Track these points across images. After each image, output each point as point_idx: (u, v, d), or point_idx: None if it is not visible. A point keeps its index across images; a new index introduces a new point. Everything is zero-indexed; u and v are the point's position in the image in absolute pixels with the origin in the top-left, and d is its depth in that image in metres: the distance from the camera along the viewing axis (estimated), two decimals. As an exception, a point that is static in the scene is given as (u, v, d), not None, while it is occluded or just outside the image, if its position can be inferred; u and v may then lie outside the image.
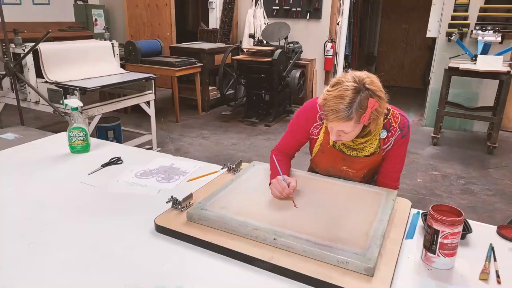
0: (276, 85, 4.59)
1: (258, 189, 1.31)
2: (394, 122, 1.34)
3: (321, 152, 1.42)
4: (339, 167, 1.42)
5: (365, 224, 1.10)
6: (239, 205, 1.19)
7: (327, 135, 1.38)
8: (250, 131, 4.55)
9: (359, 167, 1.39)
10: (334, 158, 1.40)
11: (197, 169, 1.59)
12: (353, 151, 1.37)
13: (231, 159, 3.92)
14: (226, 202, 1.20)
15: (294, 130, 1.49)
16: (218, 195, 1.24)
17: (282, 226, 1.07)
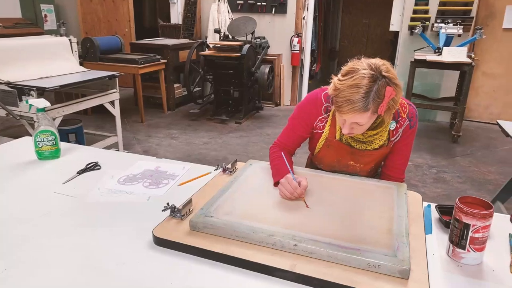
0: (245, 81, 4.48)
1: (262, 190, 1.20)
2: (403, 112, 1.28)
3: (326, 147, 1.34)
4: (346, 162, 1.34)
5: (385, 221, 1.03)
6: (246, 209, 1.07)
7: (333, 128, 1.30)
8: (220, 129, 4.42)
9: (367, 161, 1.32)
10: (340, 152, 1.32)
11: (186, 172, 1.45)
12: (361, 145, 1.29)
13: (204, 159, 3.80)
14: (231, 207, 1.08)
15: (296, 125, 1.38)
16: (220, 199, 1.12)
17: (299, 230, 0.97)
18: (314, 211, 1.08)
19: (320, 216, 1.05)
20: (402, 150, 1.32)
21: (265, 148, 3.83)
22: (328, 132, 1.31)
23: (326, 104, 1.31)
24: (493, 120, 4.89)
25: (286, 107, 5.48)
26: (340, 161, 1.35)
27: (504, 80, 4.72)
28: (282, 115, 5.05)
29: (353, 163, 1.33)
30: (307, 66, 5.35)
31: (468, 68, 3.82)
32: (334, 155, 1.34)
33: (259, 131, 4.36)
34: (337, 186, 1.23)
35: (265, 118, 4.92)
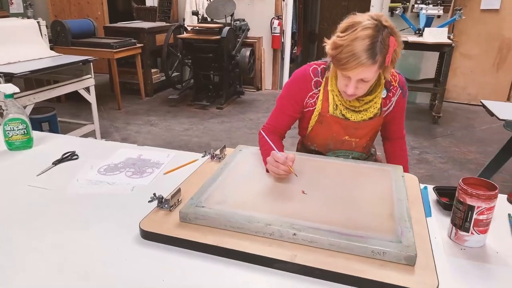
0: (225, 65, 4.37)
1: (254, 177, 1.13)
2: (394, 81, 1.25)
3: (319, 124, 1.28)
4: (341, 138, 1.29)
5: (385, 205, 0.98)
6: (238, 198, 1.01)
7: (326, 103, 1.25)
8: (201, 115, 4.31)
9: (361, 133, 1.27)
10: (334, 127, 1.27)
11: (171, 159, 1.37)
12: (356, 115, 1.24)
13: (186, 146, 3.70)
14: (222, 195, 1.01)
15: (285, 105, 1.31)
16: (210, 188, 1.05)
17: (297, 218, 0.92)
18: (311, 196, 1.02)
19: (317, 202, 1.00)
20: (398, 118, 1.32)
21: (248, 134, 3.76)
22: (320, 107, 1.25)
23: (316, 79, 1.25)
24: (471, 101, 4.98)
25: (268, 91, 5.40)
26: (334, 137, 1.29)
27: (481, 61, 4.79)
28: (264, 99, 4.98)
29: (348, 138, 1.28)
30: (288, 49, 5.27)
31: (448, 49, 3.84)
32: (328, 131, 1.28)
33: (241, 116, 4.27)
34: (331, 170, 1.18)
35: (246, 103, 4.84)
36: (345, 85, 1.13)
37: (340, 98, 1.22)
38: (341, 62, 1.06)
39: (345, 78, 1.11)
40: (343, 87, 1.14)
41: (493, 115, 2.14)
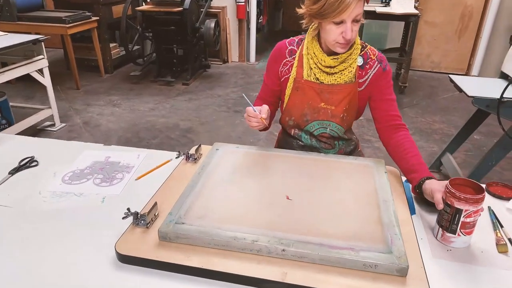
0: (190, 38, 4.16)
1: (235, 182, 1.07)
2: (372, 55, 1.24)
3: (295, 91, 1.27)
4: (317, 105, 1.26)
5: (371, 208, 0.96)
6: (221, 210, 0.95)
7: (300, 69, 1.25)
8: (167, 92, 4.13)
9: (337, 99, 1.24)
10: (310, 94, 1.25)
11: (142, 160, 1.28)
12: (330, 77, 1.22)
13: (153, 128, 3.55)
14: (204, 208, 0.95)
15: (266, 78, 1.35)
16: (189, 199, 0.98)
17: (284, 230, 0.88)
18: (296, 203, 0.98)
19: (303, 209, 0.96)
20: (384, 94, 1.24)
21: (218, 111, 3.66)
22: (295, 73, 1.26)
23: (291, 47, 1.29)
24: (434, 69, 5.08)
25: (235, 63, 5.25)
26: (310, 104, 1.27)
27: (444, 28, 4.85)
28: (232, 73, 4.84)
29: (324, 105, 1.25)
30: (254, 19, 5.09)
31: (414, 19, 3.83)
32: (304, 98, 1.27)
33: (210, 93, 4.14)
34: (312, 168, 1.14)
35: (214, 77, 4.68)
36: (340, 33, 1.11)
37: (316, 60, 1.21)
38: (331, 8, 1.05)
39: (338, 26, 1.10)
40: (337, 37, 1.12)
41: (462, 91, 2.17)
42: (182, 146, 2.96)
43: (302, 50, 1.25)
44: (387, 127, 1.25)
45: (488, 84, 2.30)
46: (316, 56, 1.21)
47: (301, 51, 1.25)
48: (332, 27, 1.11)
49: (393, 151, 1.22)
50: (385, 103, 1.26)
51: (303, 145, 1.36)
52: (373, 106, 1.28)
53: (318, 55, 1.20)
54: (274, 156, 1.22)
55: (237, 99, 3.96)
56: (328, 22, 1.10)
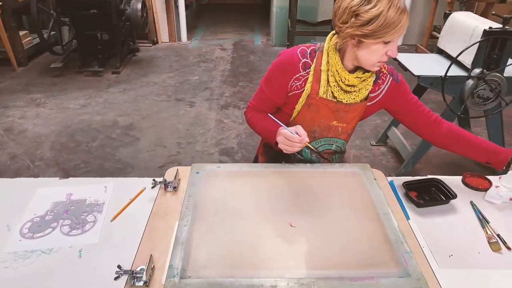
0: (115, 22, 3.78)
1: (232, 214, 0.99)
2: (383, 68, 1.19)
3: (307, 108, 1.18)
4: (328, 123, 1.21)
5: (374, 224, 0.95)
6: (224, 252, 0.87)
7: (316, 84, 1.14)
8: (97, 84, 3.76)
9: (350, 118, 1.21)
10: (323, 111, 1.18)
11: (111, 193, 1.13)
12: (348, 96, 1.16)
13: (90, 129, 3.21)
14: (205, 252, 0.87)
15: (269, 87, 1.20)
16: (186, 244, 0.89)
17: (298, 267, 0.83)
18: (300, 230, 0.94)
19: (309, 237, 0.92)
20: (410, 100, 1.22)
21: (158, 102, 3.43)
22: (310, 89, 1.15)
23: (304, 60, 1.15)
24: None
25: (166, 44, 4.93)
26: (322, 123, 1.21)
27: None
28: (164, 55, 4.54)
29: (336, 123, 1.21)
30: (181, -5, 4.78)
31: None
32: (316, 116, 1.19)
33: (144, 80, 3.86)
34: (305, 183, 1.10)
35: (145, 61, 4.36)
36: (385, 52, 1.04)
37: (338, 78, 1.13)
38: (390, 27, 0.99)
39: (385, 45, 1.03)
40: (382, 56, 1.05)
41: (407, 70, 2.25)
42: (127, 146, 2.74)
43: (319, 65, 1.13)
44: (429, 126, 1.23)
45: (426, 60, 2.41)
46: (338, 73, 1.11)
47: (318, 66, 1.13)
48: (380, 47, 1.03)
49: (452, 144, 1.22)
50: (415, 107, 1.23)
51: (301, 159, 1.30)
52: (405, 117, 1.25)
53: (341, 73, 1.11)
54: (263, 173, 1.15)
55: (176, 85, 3.74)
56: (377, 42, 1.02)
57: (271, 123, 1.16)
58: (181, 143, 2.78)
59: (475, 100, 2.14)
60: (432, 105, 3.45)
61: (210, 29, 5.76)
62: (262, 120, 1.22)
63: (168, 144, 2.75)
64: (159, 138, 2.84)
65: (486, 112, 2.24)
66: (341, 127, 1.22)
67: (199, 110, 3.29)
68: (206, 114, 3.22)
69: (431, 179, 1.17)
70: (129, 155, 2.63)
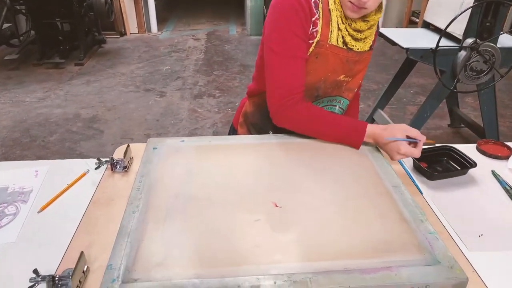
0: (76, 9, 3.47)
1: (198, 197, 0.75)
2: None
3: (314, 58, 0.92)
4: (336, 77, 0.97)
5: (383, 199, 0.74)
6: (187, 244, 0.64)
7: (326, 28, 0.89)
8: (57, 77, 3.44)
9: (358, 70, 0.98)
10: (332, 61, 0.93)
11: (43, 178, 0.88)
12: (359, 43, 0.93)
13: (47, 122, 2.90)
14: (160, 247, 0.63)
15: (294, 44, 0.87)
16: (134, 236, 0.65)
17: (288, 259, 0.61)
18: (287, 211, 0.71)
19: (300, 219, 0.69)
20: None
21: (125, 92, 3.15)
22: (320, 35, 0.89)
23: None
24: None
25: (135, 36, 4.64)
26: (329, 77, 0.96)
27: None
28: (133, 46, 4.25)
29: (344, 77, 0.98)
30: (149, -17, 4.50)
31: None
32: (323, 68, 0.94)
33: (111, 72, 3.56)
34: (293, 157, 0.87)
35: (112, 53, 4.06)
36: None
37: (345, 19, 0.90)
38: None
39: None
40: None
41: (395, 44, 2.07)
42: (89, 140, 2.45)
43: (326, 3, 0.88)
44: None
45: (413, 34, 2.25)
46: (344, 14, 0.88)
47: (325, 5, 0.88)
48: None
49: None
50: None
51: None
52: None
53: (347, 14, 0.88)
54: (240, 147, 0.92)
55: (145, 76, 3.47)
56: None
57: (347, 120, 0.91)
58: (150, 134, 2.52)
59: (468, 74, 1.97)
60: (416, 89, 3.31)
61: (182, 20, 5.49)
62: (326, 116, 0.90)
63: (136, 136, 2.49)
64: (126, 130, 2.56)
65: (479, 86, 2.09)
66: (346, 82, 1.00)
67: (171, 100, 3.03)
68: (178, 104, 2.96)
69: (443, 147, 0.97)
70: (91, 149, 2.35)
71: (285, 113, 0.90)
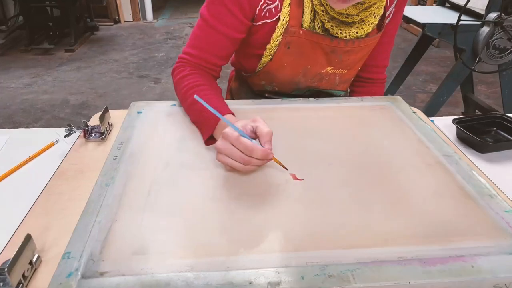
0: (66, -8, 3.28)
1: (188, 164, 0.58)
2: None
3: (285, 48, 0.72)
4: (319, 70, 0.77)
5: (439, 173, 0.57)
6: (178, 227, 0.47)
7: (297, 10, 0.69)
8: (46, 63, 3.25)
9: (354, 60, 0.78)
10: (312, 52, 0.74)
11: (3, 147, 0.70)
12: (348, 29, 0.72)
13: (33, 108, 2.72)
14: (138, 230, 0.46)
15: (220, 15, 0.69)
16: (105, 215, 0.47)
17: (315, 246, 0.44)
18: (312, 183, 0.54)
19: (330, 194, 0.52)
20: (387, 36, 0.82)
21: (118, 79, 2.97)
22: (288, 18, 0.69)
23: None
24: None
25: (129, 23, 4.44)
26: (309, 70, 0.77)
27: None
28: (127, 34, 4.06)
29: (332, 70, 0.78)
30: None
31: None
32: (301, 61, 0.75)
33: (103, 58, 3.37)
34: (308, 122, 0.70)
35: (105, 40, 3.87)
36: None
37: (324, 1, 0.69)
38: None
39: None
40: None
41: (409, 22, 1.90)
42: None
43: None
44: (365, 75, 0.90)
45: (429, 12, 2.08)
46: None
47: None
48: None
49: None
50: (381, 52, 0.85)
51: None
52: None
53: None
54: (242, 111, 0.75)
55: (140, 62, 3.28)
56: None
57: (215, 102, 0.66)
58: (143, 120, 2.34)
59: (490, 52, 1.81)
60: (426, 77, 3.14)
61: (179, 9, 5.29)
62: (199, 90, 0.69)
63: (128, 123, 2.30)
64: (117, 116, 2.38)
65: (500, 67, 1.92)
66: (339, 74, 0.80)
67: (166, 87, 2.85)
68: (173, 91, 2.77)
69: (492, 116, 0.80)
70: (79, 136, 2.17)
71: (172, 69, 0.79)
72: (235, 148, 0.53)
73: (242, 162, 0.52)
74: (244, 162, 0.52)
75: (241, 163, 0.52)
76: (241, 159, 0.52)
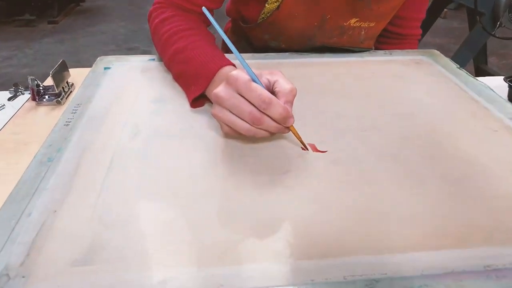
0: (46, -43, 3.03)
1: (168, 132, 0.43)
2: None
3: None
4: (341, 22, 0.61)
5: (503, 138, 0.42)
6: (154, 216, 0.31)
7: None
8: (28, 35, 3.03)
9: (384, 11, 0.61)
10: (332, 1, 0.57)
11: None
12: None
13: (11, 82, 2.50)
14: (87, 220, 0.31)
15: None
16: (33, 200, 0.32)
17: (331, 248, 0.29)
18: (336, 154, 0.39)
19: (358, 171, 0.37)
20: None
21: (105, 51, 2.76)
22: None
23: None
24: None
25: (118, -6, 4.19)
26: (328, 20, 0.60)
27: None
28: (116, 5, 3.82)
29: (357, 22, 0.61)
30: None
31: None
32: (316, 9, 0.58)
33: (90, 30, 3.15)
34: (325, 78, 0.54)
35: (92, 12, 3.63)
36: None
37: None
38: None
39: None
40: None
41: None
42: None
43: None
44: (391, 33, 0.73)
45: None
46: None
47: None
48: None
49: None
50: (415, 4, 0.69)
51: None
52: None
53: None
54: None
55: (128, 34, 3.07)
56: None
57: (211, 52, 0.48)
58: (131, 95, 2.17)
59: (511, 16, 1.64)
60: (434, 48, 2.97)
61: (170, -20, 5.02)
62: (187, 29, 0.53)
63: (115, 97, 2.13)
64: (104, 91, 2.20)
65: (522, 33, 1.76)
66: (366, 28, 0.63)
67: (156, 59, 2.66)
68: (165, 64, 2.60)
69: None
70: (61, 112, 2.00)
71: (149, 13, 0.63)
72: (243, 98, 0.36)
73: (250, 121, 0.36)
74: (253, 121, 0.36)
75: (249, 122, 0.36)
76: (250, 116, 0.35)
